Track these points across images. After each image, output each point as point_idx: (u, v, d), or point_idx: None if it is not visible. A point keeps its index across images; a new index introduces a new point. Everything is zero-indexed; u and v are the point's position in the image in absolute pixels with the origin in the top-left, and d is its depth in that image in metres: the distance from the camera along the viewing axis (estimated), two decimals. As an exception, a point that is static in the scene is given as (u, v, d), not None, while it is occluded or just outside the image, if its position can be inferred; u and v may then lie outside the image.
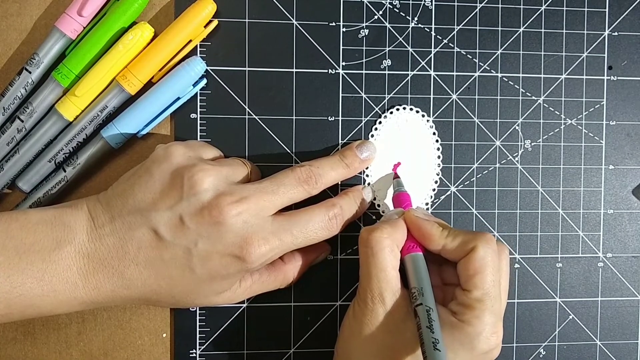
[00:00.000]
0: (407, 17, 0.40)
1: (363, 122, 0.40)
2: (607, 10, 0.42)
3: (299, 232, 0.33)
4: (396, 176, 0.40)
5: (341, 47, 0.40)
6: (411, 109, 0.40)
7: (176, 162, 0.33)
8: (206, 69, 0.38)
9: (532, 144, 0.41)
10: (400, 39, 0.40)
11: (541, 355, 0.42)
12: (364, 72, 0.40)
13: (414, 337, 0.32)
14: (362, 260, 0.34)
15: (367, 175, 0.40)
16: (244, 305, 0.40)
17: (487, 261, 0.33)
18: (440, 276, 0.36)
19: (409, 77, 0.40)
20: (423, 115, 0.40)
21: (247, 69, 0.39)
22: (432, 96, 0.40)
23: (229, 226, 0.31)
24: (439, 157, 0.41)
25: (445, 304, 0.34)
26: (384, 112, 0.40)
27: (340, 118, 0.40)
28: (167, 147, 0.34)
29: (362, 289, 0.34)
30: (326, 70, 0.40)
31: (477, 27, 0.41)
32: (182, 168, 0.32)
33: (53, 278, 0.31)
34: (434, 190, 0.41)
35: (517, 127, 0.41)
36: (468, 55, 0.41)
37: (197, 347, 0.39)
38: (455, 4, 0.40)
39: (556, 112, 0.41)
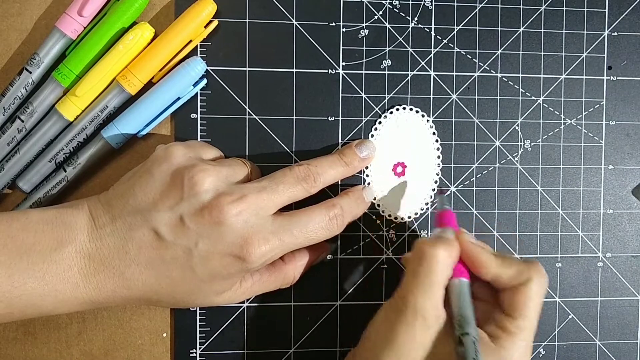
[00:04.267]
0: (407, 17, 0.40)
1: (363, 122, 0.40)
2: (606, 10, 0.42)
3: (299, 232, 0.33)
4: (440, 192, 0.39)
5: (341, 47, 0.40)
6: (411, 109, 0.40)
7: (176, 163, 0.33)
8: (206, 69, 0.39)
9: (532, 144, 0.41)
10: (400, 39, 0.40)
11: (541, 355, 0.42)
12: (364, 72, 0.40)
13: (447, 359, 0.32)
14: (413, 271, 0.33)
15: (367, 175, 0.40)
16: (244, 305, 0.40)
17: (538, 293, 0.33)
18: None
19: (408, 77, 0.40)
20: (423, 115, 0.40)
21: (247, 69, 0.39)
22: (432, 96, 0.41)
23: (229, 226, 0.31)
24: (438, 157, 0.41)
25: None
26: (384, 112, 0.40)
27: (340, 118, 0.40)
28: (167, 147, 0.34)
29: (402, 298, 0.33)
30: (326, 70, 0.40)
31: (477, 27, 0.41)
32: (182, 168, 0.33)
33: (54, 278, 0.31)
34: (434, 190, 0.41)
35: (516, 127, 0.41)
36: (468, 56, 0.41)
37: (197, 347, 0.39)
38: (455, 4, 0.40)
39: (556, 112, 0.42)
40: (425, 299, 0.32)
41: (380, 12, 0.40)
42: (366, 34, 0.40)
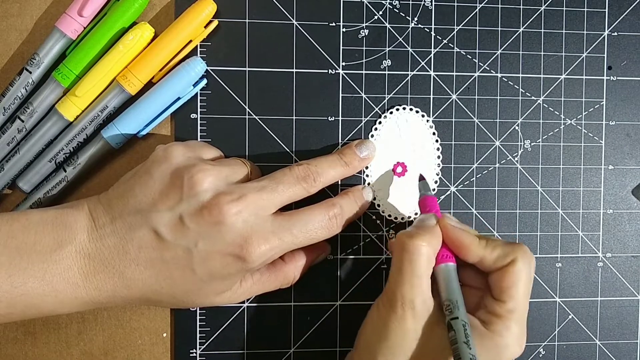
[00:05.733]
0: (407, 17, 0.40)
1: (363, 122, 0.40)
2: (606, 10, 0.42)
3: (299, 232, 0.34)
4: (421, 178, 0.39)
5: (341, 47, 0.40)
6: (411, 109, 0.40)
7: (176, 163, 0.33)
8: (206, 69, 0.39)
9: (532, 144, 0.41)
10: (400, 39, 0.40)
11: (541, 355, 0.42)
12: (364, 72, 0.40)
13: (440, 347, 0.33)
14: (397, 265, 0.33)
15: (367, 175, 0.40)
16: (244, 305, 0.40)
17: (524, 274, 0.33)
18: (459, 276, 0.36)
19: (408, 77, 0.40)
20: (423, 115, 0.40)
21: (247, 69, 0.39)
22: (432, 96, 0.41)
23: (229, 226, 0.31)
24: (438, 157, 0.41)
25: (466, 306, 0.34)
26: (384, 112, 0.40)
27: (340, 118, 0.40)
28: (167, 147, 0.34)
29: (391, 292, 0.33)
30: (326, 70, 0.40)
31: (477, 27, 0.41)
32: (181, 168, 0.33)
33: (54, 278, 0.31)
34: (434, 190, 0.41)
35: (516, 127, 0.41)
36: (468, 56, 0.41)
37: (197, 347, 0.39)
38: (455, 4, 0.40)
39: (556, 112, 0.42)
40: (412, 291, 0.33)
41: (380, 12, 0.40)
42: (366, 34, 0.40)
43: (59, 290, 0.31)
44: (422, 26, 0.40)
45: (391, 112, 0.40)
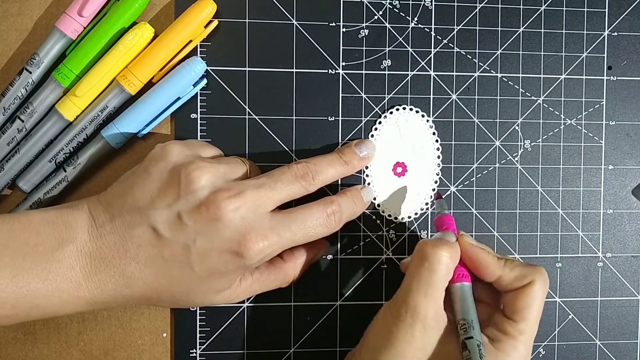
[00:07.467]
0: (407, 17, 0.40)
1: (363, 122, 0.40)
2: (606, 10, 0.42)
3: (297, 229, 0.33)
4: (438, 197, 0.39)
5: (341, 47, 0.40)
6: (411, 109, 0.40)
7: (173, 161, 0.33)
8: (206, 69, 0.39)
9: (532, 144, 0.41)
10: (400, 39, 0.40)
11: (541, 355, 0.42)
12: (364, 72, 0.40)
13: None
14: (414, 272, 0.33)
15: (367, 175, 0.40)
16: (244, 305, 0.40)
17: (539, 297, 0.33)
18: None
19: (408, 77, 0.40)
20: (423, 115, 0.40)
21: (247, 69, 0.39)
22: (432, 96, 0.41)
23: (226, 222, 0.31)
24: (438, 157, 0.41)
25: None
26: (384, 112, 0.40)
27: (340, 118, 0.40)
28: (165, 145, 0.34)
29: (401, 300, 0.33)
30: (326, 70, 0.40)
31: (477, 27, 0.41)
32: (179, 166, 0.33)
33: (57, 277, 0.31)
34: (434, 190, 0.41)
35: (516, 127, 0.41)
36: (468, 56, 0.41)
37: (197, 347, 0.39)
38: (455, 4, 0.40)
39: (556, 112, 0.42)
40: (426, 302, 0.32)
41: (380, 12, 0.40)
42: (366, 34, 0.40)
43: (62, 289, 0.31)
44: (422, 26, 0.40)
45: (391, 112, 0.40)
